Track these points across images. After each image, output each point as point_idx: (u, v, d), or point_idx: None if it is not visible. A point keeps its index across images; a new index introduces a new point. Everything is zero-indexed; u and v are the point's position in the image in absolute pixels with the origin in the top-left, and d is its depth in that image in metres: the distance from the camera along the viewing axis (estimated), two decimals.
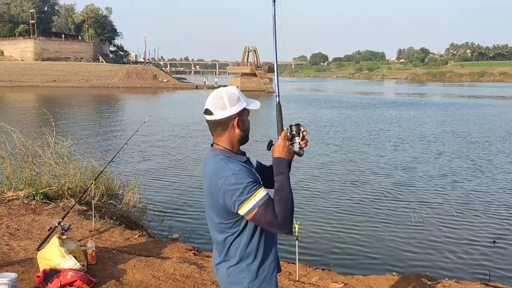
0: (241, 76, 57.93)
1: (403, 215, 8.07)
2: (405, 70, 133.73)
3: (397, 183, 10.50)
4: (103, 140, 17.50)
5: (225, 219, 1.94)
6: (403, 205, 8.71)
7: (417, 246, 6.61)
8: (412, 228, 7.42)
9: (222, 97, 1.98)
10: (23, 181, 6.79)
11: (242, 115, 2.01)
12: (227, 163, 1.92)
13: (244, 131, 2.02)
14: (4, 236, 4.97)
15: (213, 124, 2.00)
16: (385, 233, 7.15)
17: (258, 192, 1.85)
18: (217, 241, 2.03)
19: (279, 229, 1.86)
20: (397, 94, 55.07)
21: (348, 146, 15.87)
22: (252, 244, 1.97)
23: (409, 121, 24.02)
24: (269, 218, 1.83)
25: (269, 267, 2.03)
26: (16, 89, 54.09)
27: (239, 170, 1.89)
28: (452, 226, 7.60)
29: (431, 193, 9.65)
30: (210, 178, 1.94)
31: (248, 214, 1.84)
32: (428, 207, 8.56)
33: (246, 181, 1.86)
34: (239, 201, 1.83)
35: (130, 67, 70.64)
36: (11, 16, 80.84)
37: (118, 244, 5.07)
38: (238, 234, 1.95)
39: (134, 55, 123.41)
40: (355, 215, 8.09)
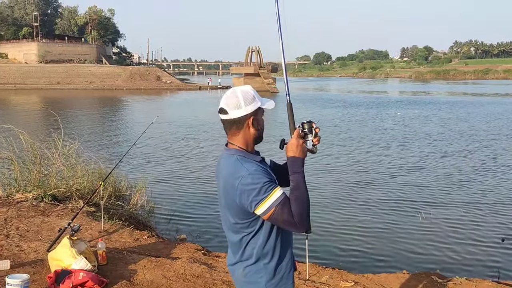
0: (245, 76, 58.01)
1: (410, 214, 8.06)
2: (408, 69, 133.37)
3: (403, 182, 10.48)
4: (109, 142, 17.56)
5: (241, 219, 1.94)
6: (410, 204, 8.69)
7: (427, 244, 6.59)
8: (421, 226, 7.41)
9: (237, 96, 1.97)
10: (31, 183, 6.82)
11: (257, 114, 2.00)
12: (243, 163, 1.91)
13: (259, 130, 2.02)
14: (14, 237, 4.99)
15: (228, 123, 2.00)
16: (394, 232, 7.14)
17: (274, 191, 1.85)
18: (233, 241, 2.02)
19: (296, 228, 1.86)
20: (401, 93, 54.92)
21: (352, 145, 15.85)
22: (269, 243, 1.96)
23: (414, 119, 23.96)
24: (286, 217, 1.83)
25: (286, 266, 2.03)
26: (20, 92, 54.31)
27: (255, 170, 1.89)
28: (460, 224, 7.58)
29: (437, 192, 9.61)
30: (226, 179, 1.94)
31: (265, 213, 1.84)
32: (435, 206, 8.55)
33: (263, 181, 1.85)
34: (256, 201, 1.83)
35: (133, 69, 70.83)
36: (15, 19, 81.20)
37: (127, 244, 5.09)
38: (255, 233, 1.95)
39: (137, 56, 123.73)
40: (363, 214, 8.08)
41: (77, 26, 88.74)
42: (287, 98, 2.23)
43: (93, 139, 17.81)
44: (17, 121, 23.43)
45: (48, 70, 65.90)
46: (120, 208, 6.82)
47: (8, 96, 47.36)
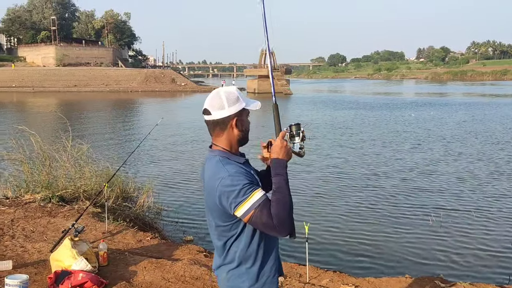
0: (258, 78, 58.01)
1: (419, 217, 7.94)
2: (425, 70, 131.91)
3: (413, 185, 10.33)
4: (119, 143, 17.72)
5: (223, 222, 1.92)
6: (419, 207, 8.56)
7: (434, 249, 6.48)
8: (429, 230, 7.29)
9: (220, 97, 1.96)
10: (40, 184, 6.92)
11: (241, 115, 1.98)
12: (224, 165, 1.90)
13: (243, 132, 2.00)
14: (19, 238, 5.06)
15: (211, 124, 1.99)
16: (401, 236, 7.04)
17: (254, 193, 1.82)
18: (217, 244, 2.01)
19: (276, 232, 1.82)
20: (417, 94, 54.32)
21: (363, 148, 15.70)
22: (251, 247, 1.94)
23: (428, 121, 23.63)
24: (265, 219, 1.80)
25: (269, 271, 1.99)
26: (39, 95, 55.23)
27: (235, 172, 1.87)
28: (470, 229, 7.43)
29: (449, 195, 9.43)
30: (208, 180, 1.94)
31: (244, 216, 1.82)
32: (446, 209, 8.38)
33: (242, 182, 1.83)
34: (235, 203, 1.82)
35: (148, 71, 71.51)
36: (33, 23, 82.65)
37: (130, 246, 5.12)
38: (237, 237, 1.93)
39: (152, 59, 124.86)
40: (369, 217, 7.99)
41: (94, 30, 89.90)
42: (272, 99, 2.22)
43: (103, 140, 18.01)
44: (32, 122, 23.84)
45: (65, 73, 66.91)
46: (127, 209, 6.87)
47: (26, 99, 48.19)
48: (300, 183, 10.23)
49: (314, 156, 14.17)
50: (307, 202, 8.83)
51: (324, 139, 17.79)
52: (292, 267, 4.57)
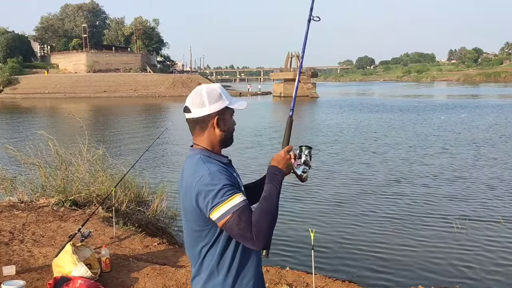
0: (284, 82, 57.81)
1: (441, 226, 7.56)
2: (456, 72, 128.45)
3: (437, 191, 9.86)
4: (141, 148, 17.71)
5: (198, 226, 1.78)
6: (442, 215, 8.16)
7: (453, 259, 6.14)
8: (450, 240, 6.94)
9: (201, 94, 1.84)
10: (55, 188, 6.97)
11: (224, 114, 1.86)
12: (205, 163, 1.77)
13: (225, 132, 1.87)
14: (28, 242, 5.07)
15: (191, 122, 1.87)
16: (418, 245, 6.70)
17: (234, 197, 1.68)
18: (192, 252, 1.87)
19: (252, 243, 1.67)
20: (448, 96, 52.85)
21: (387, 152, 15.21)
22: (226, 256, 1.79)
23: (458, 124, 22.84)
24: (243, 227, 1.65)
25: (245, 286, 1.84)
26: (70, 100, 56.76)
27: (216, 170, 1.74)
28: (496, 240, 6.97)
29: (477, 203, 8.89)
30: (186, 179, 1.80)
31: (220, 220, 1.68)
32: (472, 218, 7.90)
33: (223, 183, 1.70)
34: (212, 204, 1.68)
35: (176, 77, 72.36)
36: (65, 31, 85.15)
37: (136, 251, 5.05)
38: (212, 244, 1.79)
39: (180, 64, 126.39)
40: (384, 225, 7.69)
41: (124, 36, 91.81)
42: (290, 113, 2.11)
43: (124, 145, 18.25)
44: (58, 127, 24.42)
45: (95, 79, 68.51)
46: (140, 214, 6.84)
47: (58, 105, 49.55)
48: (312, 187, 10.05)
49: (333, 160, 13.91)
50: (317, 208, 8.65)
51: (347, 143, 17.46)
52: (299, 275, 4.39)
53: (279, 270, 4.53)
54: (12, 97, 61.16)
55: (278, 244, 6.51)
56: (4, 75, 65.76)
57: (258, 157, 14.64)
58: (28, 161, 7.40)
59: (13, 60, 70.85)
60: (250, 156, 14.84)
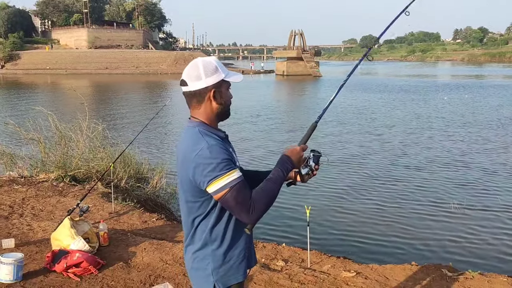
0: (287, 60, 57.35)
1: (436, 205, 7.60)
2: (461, 51, 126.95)
3: (437, 173, 9.88)
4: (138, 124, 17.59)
5: (193, 197, 1.82)
6: (437, 195, 8.18)
7: (447, 237, 6.21)
8: (445, 218, 7.00)
9: (198, 67, 1.84)
10: (55, 164, 7.00)
11: (220, 87, 1.86)
12: (203, 136, 1.79)
13: (222, 105, 1.88)
14: (27, 217, 5.12)
15: (188, 96, 1.88)
16: (412, 222, 6.78)
17: (232, 172, 1.73)
18: (186, 222, 1.92)
19: (247, 216, 1.74)
20: (452, 76, 52.40)
21: (385, 134, 15.17)
22: (218, 227, 1.84)
23: (462, 106, 22.68)
24: (240, 201, 1.71)
25: (237, 256, 1.89)
26: (71, 77, 56.50)
27: (216, 144, 1.76)
28: (494, 217, 7.06)
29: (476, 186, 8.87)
30: (184, 151, 1.82)
31: (217, 193, 1.72)
32: (468, 198, 7.97)
33: (222, 157, 1.73)
34: (210, 177, 1.71)
35: (178, 54, 71.81)
36: (66, 6, 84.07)
37: (135, 226, 5.11)
38: (205, 215, 1.84)
39: (183, 41, 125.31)
40: (378, 203, 7.75)
41: (125, 12, 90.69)
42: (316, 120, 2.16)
43: (125, 122, 18.25)
44: (58, 103, 24.40)
45: (97, 55, 67.99)
46: (138, 190, 6.89)
47: (59, 80, 49.40)
48: None
49: (332, 139, 13.93)
50: (313, 185, 8.68)
51: (346, 123, 17.41)
52: (295, 252, 4.45)
53: (275, 246, 4.58)
54: (13, 73, 60.89)
55: (275, 220, 6.58)
56: (5, 50, 65.32)
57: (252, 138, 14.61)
58: (28, 136, 7.41)
59: (14, 35, 70.25)
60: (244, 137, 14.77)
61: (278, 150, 11.41)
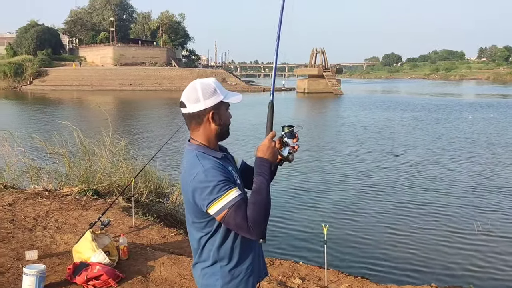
0: (309, 78, 57.48)
1: (460, 225, 7.47)
2: (486, 70, 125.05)
3: (459, 193, 9.71)
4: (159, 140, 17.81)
5: (197, 218, 1.86)
6: (463, 216, 8.04)
7: (470, 258, 6.07)
8: (469, 239, 6.84)
9: (196, 89, 1.89)
10: (79, 178, 7.17)
11: (219, 108, 1.90)
12: (200, 159, 1.83)
13: (220, 126, 1.91)
14: (51, 229, 5.25)
15: (187, 117, 1.92)
16: (433, 242, 6.66)
17: (229, 192, 1.75)
18: (192, 241, 1.96)
19: (249, 234, 1.76)
20: (477, 95, 51.56)
21: (408, 153, 15.05)
22: (225, 246, 1.87)
23: (487, 126, 22.21)
24: (239, 221, 1.73)
25: (246, 270, 1.92)
26: (96, 93, 57.78)
27: (211, 167, 1.79)
28: None
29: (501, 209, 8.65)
30: (183, 176, 1.88)
31: (217, 214, 1.76)
32: (494, 219, 7.80)
33: (217, 179, 1.76)
34: (208, 200, 1.75)
35: (200, 71, 72.82)
36: (93, 25, 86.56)
37: (154, 241, 5.17)
38: (211, 235, 1.87)
39: (205, 59, 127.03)
40: (399, 222, 7.65)
41: (150, 30, 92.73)
42: (270, 98, 2.09)
43: (145, 137, 18.53)
44: (82, 118, 24.94)
45: (121, 72, 69.51)
46: (158, 205, 6.98)
47: (85, 97, 50.60)
48: (327, 183, 10.05)
49: (351, 157, 13.83)
50: (331, 203, 8.65)
51: (367, 141, 17.31)
52: (312, 270, 4.43)
53: (293, 264, 4.57)
54: (41, 89, 62.72)
55: (292, 238, 6.56)
56: (34, 67, 67.43)
57: None
58: (54, 150, 7.63)
59: (42, 52, 72.53)
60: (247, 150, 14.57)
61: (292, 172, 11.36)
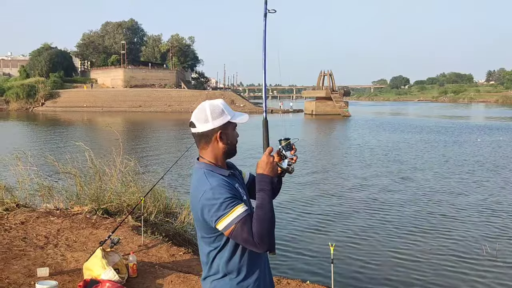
0: (316, 100, 57.80)
1: (469, 248, 7.42)
2: (495, 93, 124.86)
3: (468, 216, 9.66)
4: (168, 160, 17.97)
5: (206, 233, 1.96)
6: (471, 237, 8.01)
7: (479, 282, 6.03)
8: (477, 261, 6.80)
9: (205, 110, 2.01)
10: (89, 197, 7.28)
11: (226, 128, 2.01)
12: (207, 177, 1.93)
13: (228, 145, 2.03)
14: (62, 247, 5.33)
15: (197, 137, 2.04)
16: (441, 265, 6.62)
17: (236, 208, 1.85)
18: (202, 255, 2.04)
19: (256, 248, 1.85)
20: (486, 118, 51.40)
21: (415, 175, 15.02)
22: (234, 259, 1.96)
23: (496, 148, 22.11)
24: (246, 235, 1.83)
25: (253, 283, 1.99)
26: (106, 114, 58.50)
27: (217, 184, 1.89)
28: None
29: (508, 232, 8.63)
30: (192, 193, 1.98)
31: (225, 230, 1.85)
32: (503, 242, 7.76)
33: (224, 196, 1.86)
34: (216, 216, 1.85)
35: (209, 93, 73.57)
36: (105, 47, 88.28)
37: (163, 259, 5.23)
38: (220, 249, 1.95)
39: (214, 81, 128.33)
40: (408, 243, 7.61)
41: (160, 53, 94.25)
42: (263, 115, 2.24)
43: (154, 157, 18.69)
44: (93, 138, 25.24)
45: (131, 94, 70.44)
46: (167, 224, 7.05)
47: (95, 118, 51.23)
48: (334, 203, 10.06)
49: (358, 178, 13.83)
50: (337, 222, 8.66)
51: (374, 162, 17.31)
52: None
53: (300, 283, 4.60)
54: (52, 110, 63.68)
55: (299, 258, 6.57)
56: (46, 89, 68.63)
57: None
58: (65, 170, 7.77)
59: (55, 74, 73.91)
60: None
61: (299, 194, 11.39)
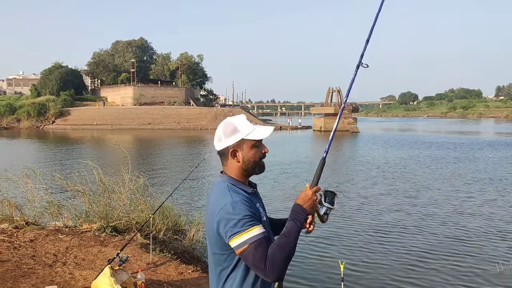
0: (325, 116, 57.82)
1: (481, 264, 7.29)
2: (505, 108, 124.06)
3: (482, 233, 9.51)
4: (177, 177, 18.00)
5: (219, 249, 1.89)
6: (484, 254, 7.87)
7: None
8: (494, 280, 6.67)
9: (219, 129, 2.03)
10: (98, 214, 7.29)
11: (240, 146, 1.98)
12: (230, 191, 1.89)
13: (242, 162, 1.98)
14: (70, 265, 5.32)
15: (218, 154, 2.05)
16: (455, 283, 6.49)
17: (253, 228, 1.79)
18: (213, 272, 1.98)
19: (265, 274, 1.77)
20: (497, 133, 50.98)
21: (426, 191, 14.88)
22: (247, 281, 1.88)
23: (508, 165, 21.86)
24: (258, 258, 1.76)
25: None
26: (116, 132, 58.99)
27: (239, 200, 1.84)
28: None
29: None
30: (212, 205, 1.92)
31: (237, 248, 1.79)
32: None
33: (243, 213, 1.80)
34: (231, 232, 1.79)
35: (218, 110, 73.98)
36: (115, 66, 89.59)
37: (171, 277, 5.19)
38: (233, 268, 1.89)
39: (223, 98, 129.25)
40: (420, 262, 7.48)
41: (169, 71, 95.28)
42: (323, 155, 2.15)
43: (163, 174, 18.69)
44: (101, 156, 25.39)
45: (141, 111, 71.07)
46: (176, 242, 7.02)
47: (104, 135, 51.62)
48: (344, 220, 9.98)
49: (367, 194, 13.71)
50: (347, 240, 8.57)
51: (382, 179, 17.16)
52: None
53: None
54: (62, 128, 64.41)
55: (309, 274, 6.48)
56: (57, 107, 69.56)
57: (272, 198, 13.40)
58: (74, 188, 7.81)
59: (65, 93, 74.97)
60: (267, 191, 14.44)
61: None
